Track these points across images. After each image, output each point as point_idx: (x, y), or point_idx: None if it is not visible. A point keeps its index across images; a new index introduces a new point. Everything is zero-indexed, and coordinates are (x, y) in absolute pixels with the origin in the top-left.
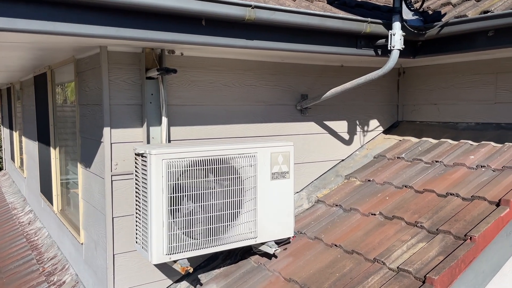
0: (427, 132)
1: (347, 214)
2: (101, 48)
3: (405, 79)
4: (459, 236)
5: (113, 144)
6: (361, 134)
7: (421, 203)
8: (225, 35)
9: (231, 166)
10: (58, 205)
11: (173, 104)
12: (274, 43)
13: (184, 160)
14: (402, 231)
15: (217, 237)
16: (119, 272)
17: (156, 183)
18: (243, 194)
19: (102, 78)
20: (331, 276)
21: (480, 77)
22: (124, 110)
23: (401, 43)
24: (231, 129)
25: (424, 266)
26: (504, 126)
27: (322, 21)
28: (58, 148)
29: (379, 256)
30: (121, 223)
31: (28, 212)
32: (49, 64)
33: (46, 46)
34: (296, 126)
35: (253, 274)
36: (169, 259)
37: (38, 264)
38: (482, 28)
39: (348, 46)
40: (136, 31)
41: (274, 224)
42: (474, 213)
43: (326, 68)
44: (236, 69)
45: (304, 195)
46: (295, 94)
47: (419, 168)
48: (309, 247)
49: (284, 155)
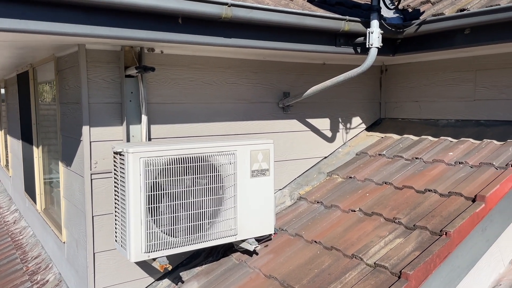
0: (408, 129)
1: (328, 210)
2: (79, 46)
3: (388, 76)
4: (435, 232)
5: (93, 143)
6: (344, 131)
7: (400, 200)
8: (202, 33)
9: (210, 164)
10: (42, 204)
11: (154, 102)
12: (252, 41)
13: (162, 158)
14: (380, 227)
15: (197, 235)
16: (100, 271)
17: (134, 182)
18: (223, 191)
19: (81, 76)
20: (310, 272)
21: (459, 74)
22: (104, 109)
23: (379, 41)
24: (213, 127)
25: (400, 262)
26: (483, 123)
27: (300, 20)
28: (41, 147)
29: (357, 252)
30: (102, 221)
31: (14, 211)
32: (31, 63)
33: (24, 45)
34: (279, 124)
35: (234, 271)
36: (148, 257)
37: (22, 263)
38: (459, 26)
39: (328, 44)
40: (112, 29)
41: (254, 221)
42: (451, 208)
43: (308, 66)
44: (218, 67)
45: (286, 192)
46: (277, 92)
47: (399, 165)
48: (290, 243)
49: (264, 152)
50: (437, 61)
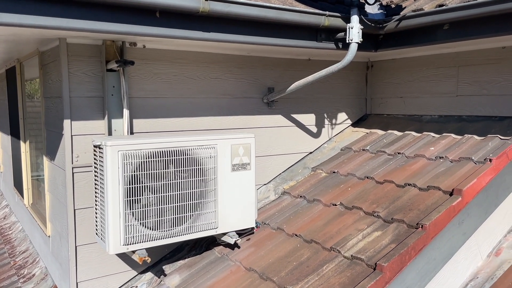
0: (393, 125)
1: (310, 205)
2: (60, 40)
3: (373, 72)
4: (411, 225)
5: (74, 136)
6: (329, 127)
7: (380, 193)
8: (181, 27)
9: (190, 157)
10: (29, 199)
11: (136, 96)
12: (232, 35)
13: (141, 151)
14: (359, 221)
15: (176, 228)
16: (82, 264)
17: (112, 175)
18: (203, 185)
19: (62, 70)
20: (288, 265)
21: (442, 70)
22: (85, 103)
23: (359, 36)
24: (196, 122)
25: (376, 254)
26: (465, 118)
27: (279, 14)
28: (28, 141)
29: (335, 244)
30: (83, 215)
31: (4, 207)
32: (18, 57)
33: (7, 39)
34: (263, 119)
35: (216, 264)
36: (127, 249)
37: (10, 258)
38: (438, 22)
39: (309, 39)
40: (89, 22)
41: (235, 215)
42: (428, 202)
43: (293, 61)
44: (201, 62)
45: (271, 187)
46: (262, 87)
47: (382, 159)
48: (271, 237)
49: (245, 147)
50: (421, 57)
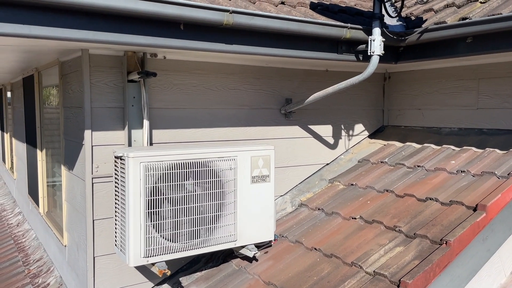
0: (411, 137)
1: (329, 218)
2: (83, 51)
3: (391, 84)
4: (435, 241)
5: (94, 147)
6: (346, 138)
7: (401, 208)
8: (204, 39)
9: (210, 169)
10: (44, 207)
11: (156, 107)
12: (254, 47)
13: (162, 163)
14: (380, 235)
15: (196, 240)
16: (100, 275)
17: (134, 186)
18: (223, 197)
19: (84, 81)
20: (309, 280)
21: (462, 82)
22: (106, 113)
23: (381, 49)
24: (214, 133)
25: (400, 270)
26: (486, 132)
27: (302, 27)
28: (45, 150)
29: (357, 260)
30: (102, 225)
31: (17, 214)
32: (36, 67)
33: (29, 49)
34: (280, 130)
35: (234, 277)
36: (147, 262)
37: (24, 266)
38: (461, 35)
39: (330, 51)
40: (114, 34)
41: (254, 228)
42: (452, 217)
43: (311, 72)
44: (220, 73)
45: (288, 198)
46: (280, 98)
47: (401, 172)
48: (290, 250)
49: (264, 158)
50: (440, 69)
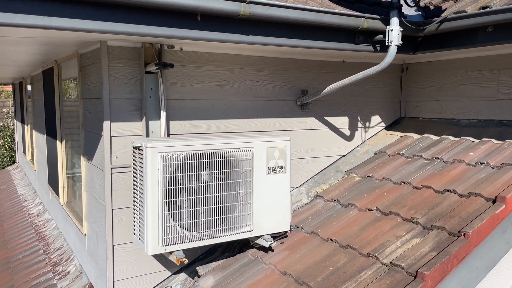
0: (429, 129)
1: (345, 209)
2: (101, 43)
3: (408, 75)
4: (453, 232)
5: (113, 138)
6: (362, 130)
7: (418, 199)
8: (221, 30)
9: (227, 160)
10: (64, 197)
11: (173, 98)
12: (270, 38)
13: (180, 153)
14: (397, 227)
15: (213, 230)
16: (118, 263)
17: (152, 176)
18: (239, 187)
19: (102, 72)
20: (324, 270)
21: (482, 73)
22: (124, 104)
23: (399, 39)
24: (230, 124)
25: (417, 262)
26: (506, 123)
27: (318, 17)
28: (65, 141)
29: (373, 251)
30: (121, 214)
31: (38, 204)
32: (56, 59)
33: (48, 41)
34: (296, 122)
35: (250, 267)
36: (165, 250)
37: (45, 255)
38: (481, 24)
39: (346, 42)
40: (131, 26)
41: (270, 218)
42: (470, 209)
43: (327, 63)
44: (236, 64)
45: (303, 190)
46: (295, 89)
47: (419, 164)
48: (306, 241)
49: (280, 150)
50: (459, 59)
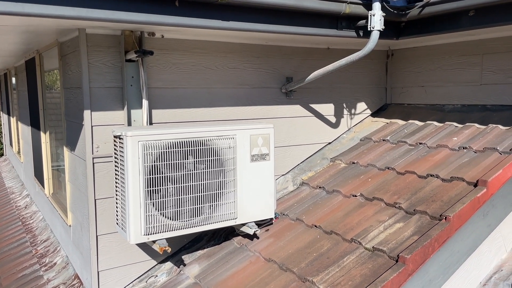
0: (414, 115)
1: (330, 195)
2: (80, 30)
3: (394, 61)
4: (434, 216)
5: (94, 127)
6: (348, 117)
7: (402, 185)
8: (200, 16)
9: (209, 148)
10: (50, 189)
11: (155, 86)
12: (251, 24)
13: (161, 142)
14: (381, 212)
15: (196, 218)
16: (103, 253)
17: (133, 165)
18: (223, 175)
19: (81, 61)
20: (308, 256)
21: (466, 58)
22: (105, 93)
23: (381, 24)
24: (214, 112)
25: (399, 246)
26: (489, 108)
27: (299, 2)
28: (48, 132)
29: (356, 236)
30: (104, 205)
31: (25, 196)
32: (37, 48)
33: (26, 29)
34: (281, 109)
35: (235, 255)
36: (147, 239)
37: (32, 247)
38: (463, 8)
39: (329, 28)
40: (107, 12)
41: (254, 205)
42: (452, 193)
43: (312, 50)
44: (219, 52)
45: (289, 177)
46: (280, 77)
47: (403, 150)
48: (290, 228)
49: (264, 137)
50: (443, 45)
